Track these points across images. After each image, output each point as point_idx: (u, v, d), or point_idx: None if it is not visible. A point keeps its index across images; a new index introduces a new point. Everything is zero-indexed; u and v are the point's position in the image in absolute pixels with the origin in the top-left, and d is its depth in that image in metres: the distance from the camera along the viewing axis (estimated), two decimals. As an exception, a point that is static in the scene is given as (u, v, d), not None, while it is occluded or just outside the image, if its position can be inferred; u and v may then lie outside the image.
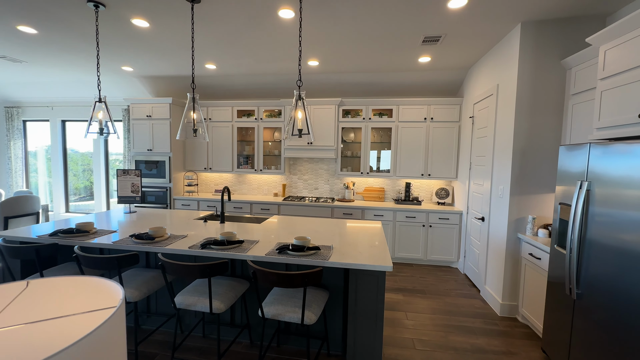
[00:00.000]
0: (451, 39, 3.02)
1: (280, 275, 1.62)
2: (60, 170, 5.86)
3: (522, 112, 2.69)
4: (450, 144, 4.27)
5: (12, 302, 0.62)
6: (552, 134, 2.67)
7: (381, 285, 1.86)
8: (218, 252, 1.99)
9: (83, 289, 0.68)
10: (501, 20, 2.62)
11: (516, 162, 2.73)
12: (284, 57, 3.65)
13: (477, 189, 3.52)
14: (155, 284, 2.10)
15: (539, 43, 2.64)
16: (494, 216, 3.07)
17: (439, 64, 3.77)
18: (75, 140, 6.01)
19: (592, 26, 2.57)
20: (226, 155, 4.84)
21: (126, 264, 1.84)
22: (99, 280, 0.72)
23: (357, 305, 1.89)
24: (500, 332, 2.57)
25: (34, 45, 3.45)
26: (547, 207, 2.71)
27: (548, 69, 2.64)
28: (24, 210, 4.03)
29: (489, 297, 3.08)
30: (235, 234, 2.15)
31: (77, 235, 2.27)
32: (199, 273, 1.73)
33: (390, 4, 2.38)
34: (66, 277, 0.73)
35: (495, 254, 3.00)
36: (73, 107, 5.67)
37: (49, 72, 4.56)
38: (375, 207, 4.20)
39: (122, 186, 3.26)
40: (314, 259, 1.89)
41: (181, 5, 2.48)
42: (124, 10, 2.61)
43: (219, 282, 2.06)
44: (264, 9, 2.51)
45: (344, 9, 2.47)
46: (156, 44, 3.31)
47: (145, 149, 4.74)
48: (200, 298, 1.86)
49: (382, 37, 3.01)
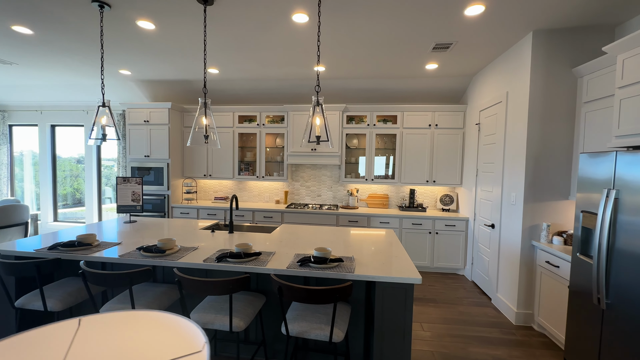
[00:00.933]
0: (461, 46, 3.03)
1: (311, 291, 1.52)
2: (48, 177, 5.59)
3: (534, 119, 2.70)
4: (455, 151, 4.27)
5: (71, 346, 0.51)
6: (564, 141, 2.69)
7: (409, 299, 1.78)
8: (237, 266, 1.88)
9: (144, 327, 0.58)
10: (513, 28, 2.64)
11: (529, 169, 2.72)
12: (291, 62, 3.59)
13: (485, 195, 3.52)
14: (166, 300, 1.97)
15: (550, 51, 2.66)
16: (505, 223, 3.05)
17: (445, 71, 3.79)
18: (60, 146, 5.75)
19: (602, 36, 2.61)
20: (227, 161, 4.72)
21: (139, 280, 1.71)
22: (159, 315, 0.62)
23: (384, 320, 1.80)
24: (518, 342, 2.53)
25: (26, 46, 3.28)
26: (561, 214, 2.71)
27: (559, 77, 2.66)
28: (12, 221, 3.79)
29: (502, 305, 3.05)
30: (251, 246, 2.05)
31: (79, 248, 2.11)
32: (220, 289, 1.62)
33: (406, 9, 2.35)
34: (120, 314, 0.62)
35: (508, 262, 2.98)
36: (64, 112, 5.43)
37: (40, 74, 4.36)
38: (381, 214, 4.15)
39: (122, 194, 3.10)
40: (337, 271, 1.81)
41: (192, 7, 2.39)
42: (129, 12, 2.49)
43: (236, 297, 1.94)
44: (278, 13, 2.45)
45: (359, 14, 2.43)
46: (159, 46, 3.20)
47: (142, 155, 4.56)
48: (217, 315, 1.75)
49: (393, 43, 2.99)
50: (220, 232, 2.77)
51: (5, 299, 2.16)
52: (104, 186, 5.63)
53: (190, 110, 4.71)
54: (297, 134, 4.45)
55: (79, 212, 5.90)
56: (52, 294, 1.95)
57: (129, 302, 1.85)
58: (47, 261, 1.82)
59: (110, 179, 5.67)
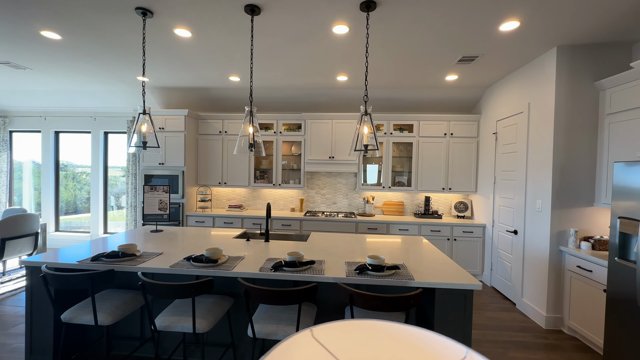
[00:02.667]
0: (485, 59, 3.15)
1: (385, 299, 1.53)
2: (51, 186, 5.39)
3: (560, 129, 2.83)
4: (469, 159, 4.39)
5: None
6: (587, 150, 2.82)
7: (469, 304, 1.82)
8: (296, 275, 1.87)
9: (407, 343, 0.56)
10: (539, 43, 2.77)
11: (556, 177, 2.84)
12: (317, 71, 3.64)
13: (505, 202, 3.62)
14: (219, 310, 1.93)
15: (573, 66, 2.81)
16: (529, 229, 3.15)
17: (463, 82, 3.92)
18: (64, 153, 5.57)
19: (620, 52, 2.78)
20: (242, 169, 4.68)
21: (203, 291, 1.68)
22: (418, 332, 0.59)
23: (444, 325, 1.83)
24: (553, 345, 2.59)
25: (48, 51, 3.21)
26: (587, 220, 2.82)
27: (582, 90, 2.81)
28: (23, 231, 3.63)
29: (529, 310, 3.12)
30: (303, 255, 2.04)
31: (124, 259, 2.05)
32: (289, 299, 1.61)
33: (443, 22, 2.45)
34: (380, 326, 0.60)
35: (534, 267, 3.07)
36: (69, 118, 5.29)
37: (49, 80, 4.24)
38: (400, 222, 4.20)
39: (149, 203, 3.03)
40: (397, 279, 1.83)
41: (237, 17, 2.40)
42: (169, 19, 2.49)
43: (293, 307, 1.92)
44: (319, 24, 2.50)
45: (398, 26, 2.51)
46: (189, 54, 3.19)
47: (156, 162, 4.48)
48: (279, 326, 1.72)
49: (421, 54, 3.08)
50: (256, 240, 2.74)
51: (45, 313, 2.06)
52: (109, 195, 5.46)
53: (206, 117, 4.68)
54: (314, 142, 4.48)
55: (79, 222, 5.69)
56: (100, 307, 1.88)
57: (183, 314, 1.80)
58: (101, 273, 1.76)
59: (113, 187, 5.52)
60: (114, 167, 5.51)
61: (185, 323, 1.75)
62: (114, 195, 5.56)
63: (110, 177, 5.47)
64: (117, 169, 5.52)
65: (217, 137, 4.69)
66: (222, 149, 4.69)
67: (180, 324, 1.76)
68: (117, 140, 5.41)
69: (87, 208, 5.61)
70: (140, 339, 2.32)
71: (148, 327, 2.32)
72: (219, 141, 4.70)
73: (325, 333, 0.57)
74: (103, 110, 5.17)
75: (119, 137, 5.39)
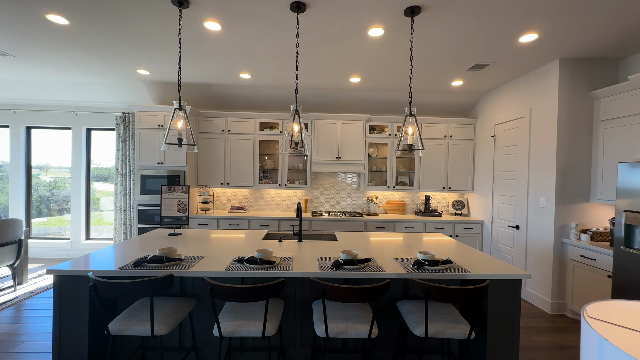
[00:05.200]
0: (494, 66, 3.40)
1: (461, 290, 1.61)
2: (21, 188, 4.82)
3: (562, 133, 3.14)
4: (467, 160, 4.69)
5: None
6: (584, 152, 3.16)
7: (517, 293, 1.96)
8: (357, 273, 1.88)
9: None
10: (546, 55, 3.06)
11: (559, 176, 3.14)
12: (332, 72, 3.66)
13: (505, 200, 3.92)
14: (278, 313, 1.88)
15: (572, 76, 3.14)
16: (532, 224, 3.45)
17: (466, 88, 4.18)
18: (39, 151, 5.01)
19: (609, 66, 3.15)
20: (246, 169, 4.55)
21: (275, 293, 1.63)
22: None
23: (497, 315, 1.95)
24: (562, 328, 2.86)
25: (45, 38, 2.89)
26: (584, 214, 3.16)
27: (580, 98, 3.15)
28: (7, 238, 3.21)
29: (533, 298, 3.41)
30: (356, 253, 2.06)
31: (171, 263, 1.92)
32: (363, 296, 1.62)
33: (471, 31, 2.61)
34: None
35: (538, 258, 3.36)
36: (45, 112, 4.76)
37: (27, 69, 3.79)
38: (406, 220, 4.36)
39: (167, 205, 2.85)
40: (455, 272, 1.92)
41: (276, 13, 2.36)
42: (202, 11, 2.38)
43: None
44: (357, 26, 2.53)
45: (427, 33, 2.63)
46: (209, 48, 3.05)
47: (154, 162, 4.20)
48: (348, 324, 1.73)
49: (439, 59, 3.24)
50: (287, 241, 2.70)
51: (76, 330, 1.86)
52: (92, 196, 5.01)
53: (208, 115, 4.48)
54: (321, 141, 4.49)
55: (54, 227, 5.15)
56: (146, 316, 1.75)
57: (244, 318, 1.73)
58: (160, 279, 1.64)
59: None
60: (98, 167, 5.06)
61: (252, 327, 1.69)
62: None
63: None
64: (99, 169, 5.08)
65: (219, 135, 4.52)
66: (225, 148, 4.53)
67: (246, 328, 1.70)
68: (101, 137, 4.97)
69: (53, 211, 5.09)
70: (178, 349, 2.18)
71: (188, 335, 2.18)
72: (222, 140, 4.52)
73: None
74: (87, 104, 4.73)
75: (104, 134, 4.96)
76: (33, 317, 2.92)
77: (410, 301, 2.02)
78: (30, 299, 3.31)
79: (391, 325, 2.22)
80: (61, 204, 5.13)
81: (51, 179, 5.10)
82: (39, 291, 3.49)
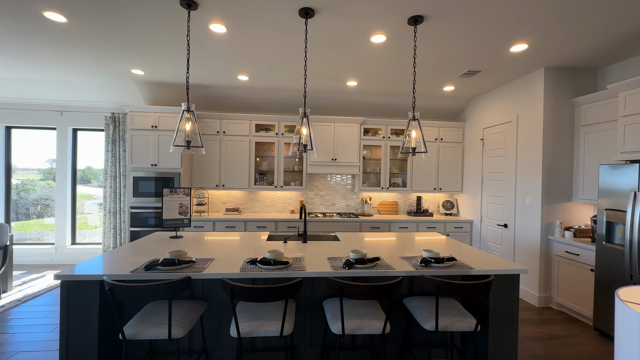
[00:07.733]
0: (484, 73, 3.58)
1: (470, 285, 1.71)
2: (1, 191, 4.56)
3: (547, 137, 3.36)
4: (456, 162, 4.88)
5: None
6: (566, 154, 3.39)
7: (516, 287, 2.09)
8: (370, 271, 1.95)
9: None
10: (532, 63, 3.26)
11: (545, 177, 3.36)
12: (329, 76, 3.73)
13: (493, 200, 4.13)
14: (292, 312, 1.91)
15: (555, 84, 3.37)
16: (519, 223, 3.65)
17: (456, 93, 4.36)
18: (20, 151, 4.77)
19: (587, 76, 3.40)
20: (241, 171, 4.54)
21: (291, 294, 1.67)
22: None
23: (498, 308, 2.07)
24: (550, 320, 3.06)
25: (38, 35, 2.78)
26: (567, 212, 3.39)
27: (562, 105, 3.38)
28: (-8, 244, 3.05)
29: (521, 292, 3.61)
30: (365, 252, 2.13)
31: (183, 266, 1.91)
32: (381, 293, 1.69)
33: (468, 40, 2.75)
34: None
35: (525, 255, 3.56)
36: (27, 112, 4.54)
37: (11, 66, 3.62)
38: (400, 220, 4.48)
39: (169, 207, 2.81)
40: (460, 269, 2.03)
41: (283, 18, 2.40)
42: (209, 13, 2.38)
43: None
44: (360, 32, 2.62)
45: (426, 41, 2.75)
46: (210, 50, 3.04)
47: (148, 163, 4.11)
48: (363, 320, 1.80)
49: (433, 67, 3.39)
50: (292, 242, 2.74)
51: (85, 336, 1.82)
52: (79, 197, 4.81)
53: (202, 116, 4.43)
54: (317, 143, 4.54)
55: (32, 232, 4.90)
56: (163, 320, 1.74)
57: (260, 319, 1.76)
58: (177, 282, 1.64)
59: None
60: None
61: (269, 327, 1.72)
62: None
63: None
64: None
65: (214, 137, 4.48)
66: (220, 150, 4.49)
67: (263, 328, 1.72)
68: (89, 138, 4.80)
69: (20, 215, 4.86)
70: (188, 352, 2.16)
71: (197, 338, 2.17)
72: (217, 142, 4.49)
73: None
74: (73, 104, 4.56)
75: (93, 135, 4.79)
76: (23, 327, 2.79)
77: (417, 297, 2.12)
78: (18, 307, 3.15)
79: (397, 321, 2.30)
80: (29, 208, 4.88)
81: (18, 181, 4.85)
82: (26, 299, 3.32)
